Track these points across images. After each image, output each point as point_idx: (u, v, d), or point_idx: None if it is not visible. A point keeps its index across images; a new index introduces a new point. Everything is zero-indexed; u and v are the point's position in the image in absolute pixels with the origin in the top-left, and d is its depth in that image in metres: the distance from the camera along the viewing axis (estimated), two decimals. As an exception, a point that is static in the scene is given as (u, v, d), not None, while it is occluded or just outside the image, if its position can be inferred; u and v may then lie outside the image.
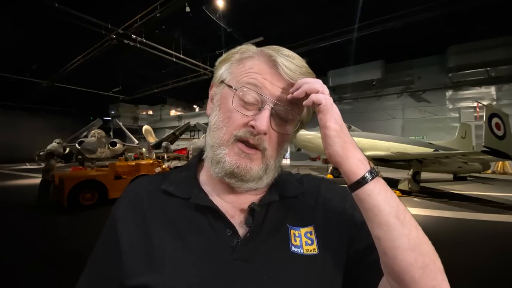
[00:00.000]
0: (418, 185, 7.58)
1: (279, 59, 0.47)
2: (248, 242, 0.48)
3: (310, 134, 9.24)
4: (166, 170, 8.54)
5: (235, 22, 11.22)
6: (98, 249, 0.54)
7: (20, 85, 18.94)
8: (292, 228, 0.52)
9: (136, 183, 0.60)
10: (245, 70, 0.49)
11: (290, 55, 0.49)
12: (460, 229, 4.59)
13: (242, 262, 0.46)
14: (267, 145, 0.49)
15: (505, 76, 13.64)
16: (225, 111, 0.50)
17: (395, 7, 10.39)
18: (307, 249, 0.50)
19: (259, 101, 0.47)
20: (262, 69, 0.48)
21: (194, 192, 0.52)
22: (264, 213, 0.52)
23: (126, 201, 0.55)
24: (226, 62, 0.53)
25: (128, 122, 27.97)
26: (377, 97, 17.47)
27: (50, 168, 6.77)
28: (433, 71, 15.58)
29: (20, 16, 10.89)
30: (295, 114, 0.50)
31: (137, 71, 18.16)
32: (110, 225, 0.53)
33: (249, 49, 0.52)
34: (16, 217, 5.54)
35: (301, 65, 0.49)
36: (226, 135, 0.49)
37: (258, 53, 0.51)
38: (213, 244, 0.48)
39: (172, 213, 0.51)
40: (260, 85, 0.47)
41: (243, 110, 0.48)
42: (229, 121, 0.49)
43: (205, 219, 0.50)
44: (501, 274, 2.96)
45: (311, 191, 0.59)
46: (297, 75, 0.48)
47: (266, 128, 0.46)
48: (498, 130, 6.37)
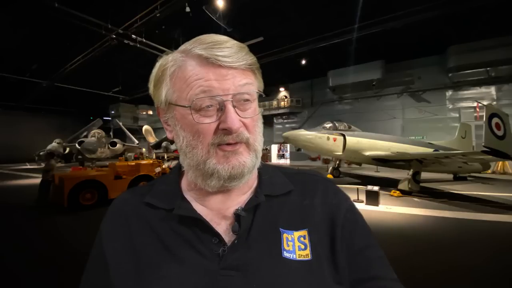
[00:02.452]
0: (418, 185, 7.57)
1: (211, 53, 0.44)
2: (235, 250, 0.47)
3: (310, 134, 9.25)
4: (166, 170, 8.55)
5: (235, 22, 11.22)
6: (88, 269, 0.53)
7: (20, 85, 18.95)
8: (285, 232, 0.50)
9: (121, 198, 0.59)
10: (186, 84, 0.46)
11: (217, 41, 0.46)
12: (460, 229, 4.59)
13: (230, 271, 0.45)
14: (247, 133, 0.48)
15: (505, 76, 13.64)
16: (190, 129, 0.47)
17: (395, 7, 10.39)
18: (300, 254, 0.48)
19: (216, 102, 0.45)
20: (200, 72, 0.45)
21: (177, 202, 0.51)
22: (251, 218, 0.50)
23: (111, 218, 0.55)
24: (162, 83, 0.49)
25: (128, 122, 27.97)
26: (377, 97, 17.47)
27: (50, 168, 6.77)
28: (433, 71, 15.58)
29: (20, 16, 10.89)
30: (252, 90, 0.48)
31: (137, 71, 18.14)
32: (98, 243, 0.53)
33: (175, 59, 0.48)
34: (16, 217, 5.55)
35: (231, 44, 0.46)
36: (204, 148, 0.46)
37: (186, 58, 0.47)
38: (200, 255, 0.47)
39: (157, 227, 0.50)
40: (209, 89, 0.44)
41: (207, 119, 0.46)
42: (200, 136, 0.46)
43: (190, 230, 0.49)
44: (501, 274, 2.96)
45: (305, 188, 0.57)
46: (234, 58, 0.45)
47: (238, 125, 0.45)
48: (498, 130, 6.36)
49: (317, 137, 9.06)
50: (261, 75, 0.53)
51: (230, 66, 0.45)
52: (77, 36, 12.33)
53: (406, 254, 3.46)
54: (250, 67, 0.48)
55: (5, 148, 22.95)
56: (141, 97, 24.14)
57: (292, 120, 21.00)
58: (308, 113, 20.34)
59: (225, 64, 0.44)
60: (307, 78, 19.76)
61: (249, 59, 0.47)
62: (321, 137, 9.02)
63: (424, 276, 2.86)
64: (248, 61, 0.47)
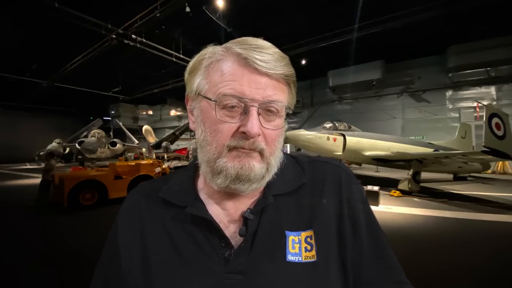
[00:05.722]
0: (418, 185, 7.57)
1: (250, 54, 0.44)
2: (241, 254, 0.47)
3: (310, 134, 9.24)
4: (166, 170, 8.55)
5: (235, 22, 11.20)
6: (102, 260, 0.55)
7: (20, 85, 18.91)
8: (291, 234, 0.49)
9: (136, 191, 0.60)
10: (219, 78, 0.46)
11: (260, 45, 0.46)
12: (460, 229, 4.59)
13: (236, 275, 0.46)
14: (264, 144, 0.47)
15: (505, 76, 13.63)
16: (211, 124, 0.47)
17: (395, 7, 10.38)
18: (306, 256, 0.48)
19: (242, 105, 0.45)
20: (236, 72, 0.45)
21: (190, 200, 0.52)
22: (258, 221, 0.50)
23: (126, 212, 0.56)
24: (197, 72, 0.50)
25: (128, 122, 27.93)
26: (377, 97, 17.47)
27: (50, 168, 6.77)
28: (433, 71, 15.57)
29: (20, 16, 10.87)
30: (281, 105, 0.47)
31: (137, 71, 18.14)
32: (113, 236, 0.54)
33: (215, 52, 0.48)
34: (16, 217, 5.55)
35: (273, 52, 0.46)
36: (218, 147, 0.46)
37: (226, 54, 0.47)
38: (207, 257, 0.47)
39: (169, 225, 0.51)
40: (239, 91, 0.44)
41: (229, 118, 0.46)
42: (217, 134, 0.46)
43: (200, 231, 0.50)
44: (501, 274, 2.96)
45: (316, 179, 0.55)
46: (272, 65, 0.45)
47: (258, 131, 0.44)
48: (498, 130, 6.36)
49: (317, 137, 9.04)
50: (296, 89, 0.52)
51: (266, 73, 0.45)
52: (77, 36, 12.30)
53: (406, 254, 3.45)
54: (286, 79, 0.48)
55: (5, 148, 22.92)
56: (141, 97, 24.10)
57: (292, 120, 20.97)
58: (308, 113, 20.34)
59: (261, 69, 0.44)
60: (307, 78, 19.75)
61: (287, 70, 0.47)
62: (321, 137, 9.01)
63: (424, 276, 2.86)
64: (286, 72, 0.46)
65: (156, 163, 8.66)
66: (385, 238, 0.54)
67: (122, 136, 18.32)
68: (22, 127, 24.62)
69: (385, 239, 0.54)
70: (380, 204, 6.11)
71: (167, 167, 9.63)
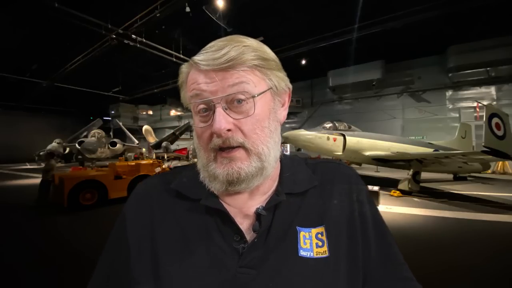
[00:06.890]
0: (418, 185, 7.57)
1: (195, 59, 0.46)
2: (254, 248, 0.48)
3: (310, 134, 9.23)
4: (166, 170, 8.54)
5: (235, 22, 11.20)
6: (108, 249, 0.54)
7: (20, 85, 18.91)
8: (301, 230, 0.50)
9: (147, 182, 0.60)
10: (187, 88, 0.49)
11: (211, 46, 0.46)
12: (460, 229, 4.59)
13: (248, 270, 0.46)
14: (241, 137, 0.46)
15: (505, 76, 13.62)
16: (196, 131, 0.50)
17: (395, 7, 10.38)
18: (317, 251, 0.48)
19: (209, 106, 0.46)
20: (192, 77, 0.47)
21: (204, 193, 0.51)
22: (271, 217, 0.51)
23: (136, 202, 0.56)
24: (181, 87, 0.52)
25: (128, 122, 27.92)
26: (377, 97, 17.47)
27: (50, 168, 6.77)
28: (433, 71, 15.57)
29: (20, 16, 10.87)
30: (247, 91, 0.45)
31: (137, 71, 18.14)
32: (120, 226, 0.54)
33: (186, 65, 0.50)
34: (16, 217, 5.55)
35: (222, 46, 0.45)
36: (205, 153, 0.48)
37: (188, 65, 0.49)
38: (220, 250, 0.48)
39: (181, 216, 0.52)
40: (199, 92, 0.46)
41: (203, 124, 0.47)
42: (200, 139, 0.49)
43: (213, 223, 0.50)
44: (501, 274, 2.96)
45: (325, 180, 0.57)
46: (211, 61, 0.44)
47: (222, 126, 0.44)
48: (498, 130, 6.36)
49: (317, 137, 9.04)
50: (274, 72, 0.51)
51: (212, 68, 0.44)
52: (77, 36, 12.30)
53: (406, 254, 3.41)
54: (248, 67, 0.45)
55: (5, 148, 22.93)
56: (141, 97, 24.10)
57: (292, 120, 20.99)
58: (308, 113, 20.34)
59: (207, 67, 0.44)
60: (307, 78, 19.74)
61: (242, 58, 0.44)
62: (321, 137, 9.01)
63: (424, 276, 2.86)
64: (239, 61, 0.44)
65: (156, 163, 8.67)
66: (392, 236, 0.56)
67: (122, 136, 18.32)
68: (22, 127, 24.63)
69: (392, 237, 0.56)
70: (380, 204, 6.11)
71: (167, 167, 9.63)
